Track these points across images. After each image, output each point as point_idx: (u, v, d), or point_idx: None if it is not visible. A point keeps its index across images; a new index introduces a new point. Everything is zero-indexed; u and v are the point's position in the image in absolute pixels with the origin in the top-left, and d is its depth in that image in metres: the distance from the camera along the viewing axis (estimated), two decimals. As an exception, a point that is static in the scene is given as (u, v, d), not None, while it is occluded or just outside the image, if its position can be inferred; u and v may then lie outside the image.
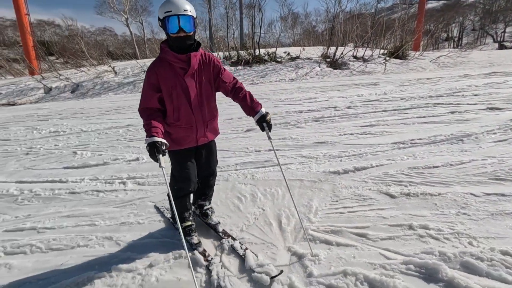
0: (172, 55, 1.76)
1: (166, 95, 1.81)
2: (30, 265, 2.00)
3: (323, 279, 1.71)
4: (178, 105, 1.84)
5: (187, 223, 2.11)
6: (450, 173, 2.84)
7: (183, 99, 1.83)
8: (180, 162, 2.00)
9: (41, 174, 3.58)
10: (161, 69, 1.79)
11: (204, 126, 1.96)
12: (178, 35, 1.71)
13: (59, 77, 11.82)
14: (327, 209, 2.44)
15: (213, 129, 2.07)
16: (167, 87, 1.80)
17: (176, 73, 1.80)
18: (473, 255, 1.78)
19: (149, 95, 1.81)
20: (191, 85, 1.84)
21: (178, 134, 1.91)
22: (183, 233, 2.00)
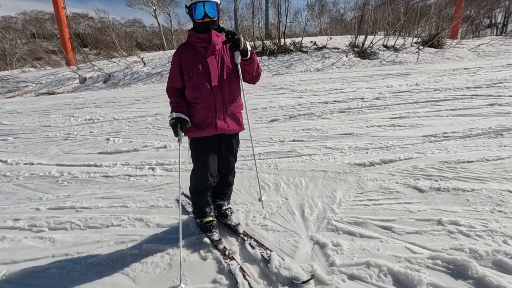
0: (195, 36, 1.85)
1: (186, 74, 1.86)
2: (71, 240, 2.18)
3: (345, 268, 1.71)
4: (198, 83, 1.85)
5: (207, 219, 2.07)
6: (486, 168, 2.68)
7: (203, 78, 1.84)
8: (200, 152, 1.96)
9: (78, 158, 3.85)
10: (185, 50, 1.88)
11: (224, 109, 1.91)
12: (203, 21, 1.78)
13: (93, 67, 12.43)
14: (351, 200, 2.41)
15: (235, 118, 1.99)
16: (188, 66, 1.85)
17: (198, 53, 1.86)
18: (508, 254, 1.69)
19: (173, 75, 1.91)
20: (212, 64, 1.85)
21: (198, 116, 1.88)
22: (204, 230, 2.07)
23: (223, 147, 2.04)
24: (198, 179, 2.00)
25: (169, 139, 4.30)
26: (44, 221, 2.43)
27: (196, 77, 1.85)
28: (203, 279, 1.71)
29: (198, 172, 1.99)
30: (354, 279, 1.65)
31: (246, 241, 1.98)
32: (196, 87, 1.85)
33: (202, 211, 2.07)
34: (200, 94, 1.85)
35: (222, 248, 1.94)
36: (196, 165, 2.00)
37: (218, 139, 1.99)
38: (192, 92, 1.87)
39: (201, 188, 2.02)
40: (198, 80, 1.85)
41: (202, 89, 1.85)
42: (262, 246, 1.91)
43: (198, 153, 1.97)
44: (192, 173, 2.03)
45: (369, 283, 1.62)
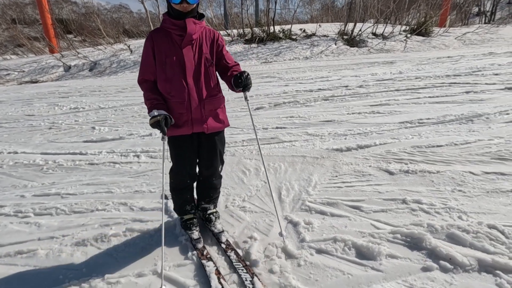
0: (169, 22, 1.66)
1: (159, 64, 1.69)
2: (56, 224, 2.26)
3: (314, 244, 1.86)
4: (171, 75, 1.69)
5: (187, 216, 2.01)
6: (453, 152, 2.86)
7: (177, 70, 1.68)
8: (176, 151, 1.85)
9: (63, 146, 3.87)
10: (158, 37, 1.69)
11: (201, 105, 1.74)
12: (181, 5, 1.60)
13: (78, 55, 12.14)
14: (326, 183, 2.55)
15: (215, 115, 1.83)
16: (161, 55, 1.68)
17: (173, 41, 1.68)
18: (460, 227, 1.86)
19: (146, 65, 1.72)
20: (187, 55, 1.68)
21: (172, 113, 1.70)
22: (184, 227, 2.00)
23: (204, 147, 1.88)
24: (175, 179, 1.94)
25: (155, 127, 4.35)
26: (29, 207, 2.50)
27: (170, 69, 1.68)
28: (176, 278, 1.68)
29: (175, 172, 1.92)
30: (321, 253, 1.80)
31: (227, 252, 1.84)
32: (169, 81, 1.69)
33: (182, 208, 2.02)
34: (173, 88, 1.70)
35: (201, 247, 1.87)
36: (173, 164, 1.91)
37: (198, 137, 1.84)
38: (165, 86, 1.71)
39: (179, 186, 1.96)
40: (172, 73, 1.69)
41: (175, 84, 1.69)
42: (242, 262, 1.75)
43: (174, 153, 1.87)
44: (170, 172, 1.94)
45: (334, 256, 1.77)
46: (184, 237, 2.01)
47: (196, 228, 1.98)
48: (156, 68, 1.71)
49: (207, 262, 1.76)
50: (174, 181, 1.96)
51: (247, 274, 1.66)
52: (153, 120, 1.61)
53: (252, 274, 1.66)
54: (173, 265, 1.79)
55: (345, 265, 1.70)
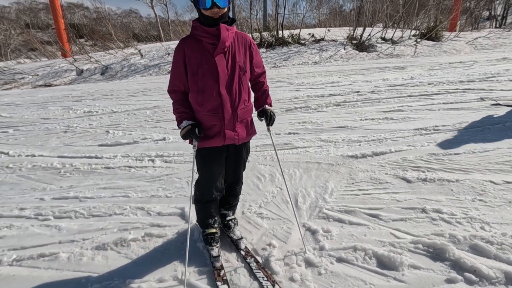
0: (201, 29, 1.58)
1: (190, 74, 1.63)
2: (76, 227, 2.30)
3: (334, 252, 1.85)
4: (203, 86, 1.62)
5: (210, 230, 1.93)
6: (471, 160, 2.82)
7: (209, 80, 1.61)
8: (205, 163, 1.79)
9: (79, 150, 3.94)
10: (188, 45, 1.62)
11: (234, 116, 1.69)
12: (212, 11, 1.51)
13: (90, 59, 12.37)
14: (343, 190, 2.54)
15: (246, 124, 1.78)
16: (192, 65, 1.61)
17: (204, 50, 1.60)
18: (484, 238, 1.83)
19: (176, 75, 1.67)
20: (220, 64, 1.60)
21: (203, 124, 1.69)
22: (205, 241, 1.93)
23: (232, 157, 1.86)
24: (202, 191, 1.87)
25: (168, 131, 4.40)
26: (49, 210, 2.54)
27: (202, 79, 1.62)
28: (197, 284, 1.67)
29: (203, 185, 1.85)
30: (342, 262, 1.79)
31: (247, 260, 1.82)
32: (201, 91, 1.63)
33: (205, 222, 1.94)
34: (206, 99, 1.64)
35: (219, 266, 1.78)
36: (200, 176, 1.85)
37: (227, 148, 1.80)
38: (197, 97, 1.65)
39: (204, 200, 1.88)
40: (204, 84, 1.62)
41: (208, 94, 1.63)
42: (263, 270, 1.72)
43: (203, 165, 1.80)
44: (196, 184, 1.88)
45: (355, 265, 1.75)
46: (202, 244, 2.02)
47: (217, 244, 1.90)
48: (186, 79, 1.66)
49: (222, 285, 1.65)
50: (199, 194, 1.89)
51: (268, 282, 1.66)
52: (185, 130, 1.65)
53: (273, 282, 1.65)
54: (192, 271, 1.80)
55: (366, 274, 1.69)
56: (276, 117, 1.86)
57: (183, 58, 1.63)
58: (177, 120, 1.71)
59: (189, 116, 1.68)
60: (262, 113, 1.83)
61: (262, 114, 1.84)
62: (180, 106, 1.70)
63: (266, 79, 1.91)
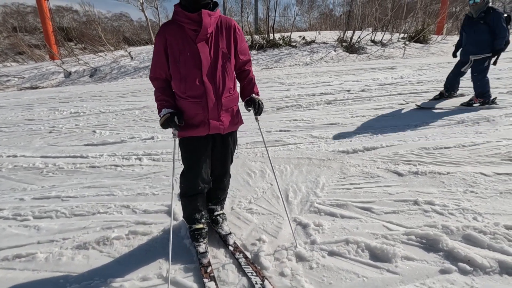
0: (183, 15, 1.52)
1: (172, 62, 1.58)
2: (56, 227, 2.18)
3: (325, 246, 1.79)
4: (186, 73, 1.57)
5: (197, 226, 1.84)
6: (461, 153, 2.81)
7: (192, 67, 1.56)
8: (190, 154, 1.72)
9: (63, 150, 3.80)
10: (170, 31, 1.56)
11: (218, 104, 1.63)
12: None
13: (78, 61, 12.16)
14: (334, 185, 2.49)
15: (232, 114, 1.72)
16: (175, 52, 1.55)
17: (186, 36, 1.54)
18: (476, 228, 1.80)
19: (158, 62, 1.61)
20: (203, 51, 1.55)
21: (187, 113, 1.64)
22: (191, 237, 1.84)
23: (218, 147, 1.79)
24: (187, 184, 1.79)
25: (157, 130, 4.30)
26: (28, 210, 2.42)
27: (184, 67, 1.56)
28: (183, 282, 1.60)
29: (188, 176, 1.77)
30: (334, 255, 1.73)
31: (235, 255, 1.75)
32: (184, 79, 1.58)
33: (192, 217, 1.85)
34: (189, 87, 1.59)
35: (206, 263, 1.70)
36: (185, 168, 1.77)
37: (213, 138, 1.74)
38: (180, 85, 1.60)
39: (190, 193, 1.80)
40: (186, 71, 1.57)
41: (191, 82, 1.57)
42: (252, 266, 1.66)
43: (188, 155, 1.74)
44: (182, 176, 1.82)
45: (348, 258, 1.70)
46: (189, 240, 1.93)
47: (204, 240, 1.81)
48: (168, 66, 1.61)
49: (209, 282, 1.57)
50: (185, 186, 1.82)
51: (257, 278, 1.59)
52: (164, 118, 1.60)
53: (262, 277, 1.58)
54: (178, 269, 1.72)
55: (359, 267, 1.63)
56: (264, 106, 1.80)
57: (164, 44, 1.57)
58: (158, 108, 1.65)
59: (169, 104, 1.63)
60: (250, 102, 1.77)
61: (250, 103, 1.77)
62: (161, 94, 1.65)
63: (251, 67, 1.85)
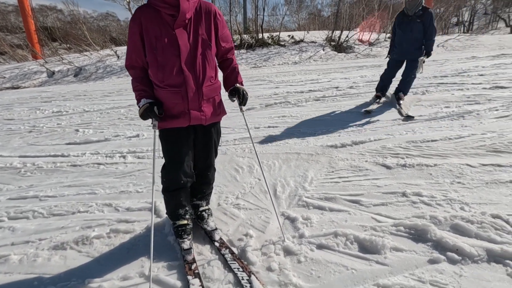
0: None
1: (149, 50, 1.49)
2: (32, 228, 2.07)
3: (314, 239, 1.75)
4: (164, 61, 1.49)
5: (180, 222, 1.76)
6: (448, 146, 2.83)
7: (170, 54, 1.48)
8: (170, 147, 1.65)
9: (43, 149, 3.65)
10: (146, 16, 1.47)
11: (199, 94, 1.56)
12: None
13: (62, 61, 11.82)
14: (323, 179, 2.46)
15: (213, 104, 1.66)
16: (151, 38, 1.47)
17: (163, 21, 1.46)
18: (464, 218, 1.80)
19: (133, 49, 1.52)
20: (181, 38, 1.48)
21: (166, 103, 1.56)
22: (175, 234, 1.76)
23: (200, 139, 1.72)
24: (169, 178, 1.71)
25: (142, 128, 4.18)
26: (3, 211, 2.29)
27: (162, 55, 1.48)
28: (165, 280, 1.54)
29: (169, 170, 1.69)
30: (322, 248, 1.69)
31: (221, 251, 1.69)
32: (162, 68, 1.50)
33: (175, 212, 1.78)
34: (167, 76, 1.51)
35: (190, 260, 1.63)
36: (167, 161, 1.70)
37: (194, 129, 1.67)
38: (157, 74, 1.52)
39: (172, 187, 1.73)
40: (164, 59, 1.49)
41: (169, 70, 1.50)
42: (238, 261, 1.61)
43: (168, 148, 1.66)
44: (163, 170, 1.74)
45: (336, 251, 1.66)
46: (173, 237, 1.86)
47: (188, 236, 1.74)
48: (144, 53, 1.52)
49: (193, 279, 1.51)
50: (167, 180, 1.73)
51: (244, 273, 1.53)
52: (143, 108, 1.52)
53: (249, 273, 1.53)
54: (161, 266, 1.64)
55: (348, 260, 1.60)
56: (248, 96, 1.75)
57: (140, 30, 1.48)
58: (136, 99, 1.57)
59: (148, 94, 1.56)
60: (234, 92, 1.71)
61: (234, 93, 1.71)
62: (139, 84, 1.56)
63: (234, 56, 1.78)
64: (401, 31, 4.09)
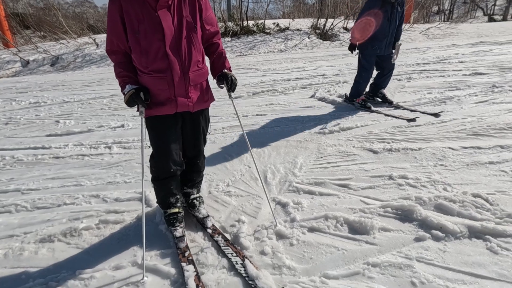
0: None
1: (131, 33, 1.42)
2: (16, 222, 2.00)
3: (305, 223, 1.79)
4: (147, 45, 1.42)
5: (172, 210, 1.75)
6: (431, 130, 2.92)
7: (153, 38, 1.41)
8: (158, 135, 1.60)
9: (22, 142, 3.49)
10: None
11: (185, 79, 1.51)
12: None
13: (37, 49, 11.22)
14: (312, 164, 2.49)
15: (201, 90, 1.60)
16: (132, 21, 1.40)
17: (144, 3, 1.39)
18: (447, 198, 1.88)
19: (113, 35, 1.45)
20: (165, 20, 1.41)
21: (151, 91, 1.51)
22: (167, 223, 1.75)
23: (188, 126, 1.68)
24: (158, 166, 1.67)
25: (127, 118, 4.07)
26: (-17, 205, 2.19)
27: (145, 38, 1.41)
28: (159, 268, 1.53)
29: (158, 159, 1.65)
30: (313, 231, 1.73)
31: (214, 237, 1.69)
32: (145, 52, 1.43)
33: (166, 201, 1.75)
34: (151, 61, 1.45)
35: (184, 247, 1.63)
36: (155, 150, 1.65)
37: (182, 116, 1.63)
38: (141, 59, 1.45)
39: (162, 176, 1.70)
40: (148, 43, 1.42)
41: (153, 55, 1.44)
42: (231, 246, 1.62)
43: (156, 136, 1.61)
44: (151, 159, 1.69)
45: (327, 233, 1.70)
46: (165, 226, 1.84)
47: (180, 224, 1.73)
48: (126, 38, 1.45)
49: (187, 265, 1.51)
50: (156, 169, 1.70)
51: (237, 258, 1.55)
52: (129, 95, 1.45)
53: (242, 257, 1.54)
54: (154, 255, 1.63)
55: (338, 241, 1.64)
56: (237, 82, 1.71)
57: (120, 12, 1.40)
58: (120, 86, 1.51)
59: (133, 80, 1.50)
60: (222, 78, 1.66)
61: (222, 79, 1.66)
62: (122, 70, 1.50)
63: (221, 41, 1.73)
64: (388, 22, 3.49)
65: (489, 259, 1.44)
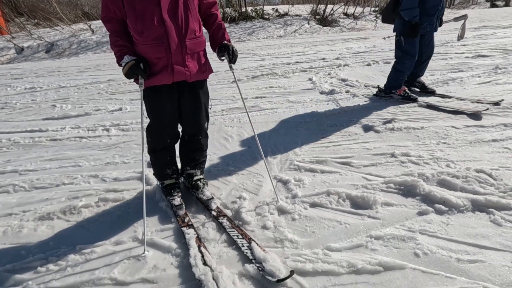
0: None
1: None
2: (14, 201, 1.98)
3: (307, 198, 1.77)
4: (143, 11, 1.38)
5: (169, 181, 1.78)
6: (433, 110, 2.88)
7: (149, 3, 1.37)
8: (154, 104, 1.58)
9: (19, 125, 3.44)
10: None
11: (182, 47, 1.46)
12: None
13: (31, 36, 10.98)
14: (313, 144, 2.46)
15: (198, 59, 1.56)
16: None
17: None
18: (450, 174, 1.86)
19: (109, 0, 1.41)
20: None
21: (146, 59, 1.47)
22: (165, 193, 1.78)
23: (187, 99, 1.63)
24: (154, 137, 1.68)
25: (125, 102, 4.01)
26: (-20, 186, 2.16)
27: (140, 3, 1.37)
28: (160, 242, 1.51)
29: (153, 129, 1.66)
30: (315, 207, 1.71)
31: (219, 220, 1.64)
32: (141, 17, 1.39)
33: (162, 172, 1.77)
34: (147, 27, 1.40)
35: (183, 214, 1.66)
36: (151, 120, 1.65)
37: (179, 88, 1.59)
38: (136, 25, 1.41)
39: (158, 147, 1.70)
40: (143, 8, 1.37)
41: (149, 20, 1.39)
42: (237, 229, 1.57)
43: (152, 105, 1.59)
44: (147, 129, 1.69)
45: (329, 208, 1.69)
46: (164, 203, 1.83)
47: (178, 193, 1.76)
48: (122, 3, 1.40)
49: (188, 229, 1.55)
50: (152, 140, 1.71)
51: (244, 240, 1.51)
52: (128, 66, 1.41)
53: (249, 240, 1.50)
54: (155, 231, 1.62)
55: (341, 215, 1.63)
56: (238, 54, 1.66)
57: None
58: (117, 56, 1.46)
59: (130, 50, 1.47)
60: (223, 49, 1.61)
61: (223, 49, 1.61)
62: (119, 39, 1.46)
63: (219, 12, 1.68)
64: None
65: (492, 231, 1.43)
